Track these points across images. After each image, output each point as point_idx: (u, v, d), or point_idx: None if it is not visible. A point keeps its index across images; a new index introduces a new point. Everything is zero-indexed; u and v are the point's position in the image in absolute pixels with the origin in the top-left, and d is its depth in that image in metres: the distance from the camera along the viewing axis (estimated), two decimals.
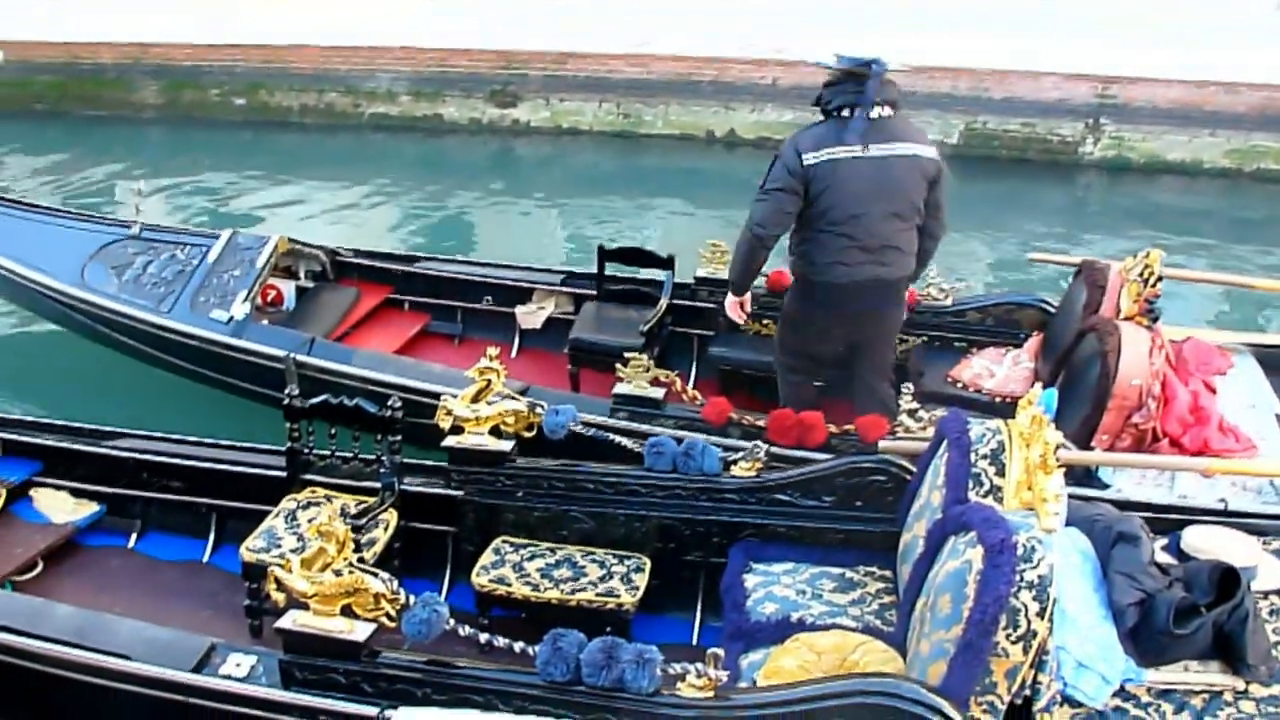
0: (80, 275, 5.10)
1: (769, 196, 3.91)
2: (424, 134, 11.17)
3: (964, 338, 4.79)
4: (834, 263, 3.95)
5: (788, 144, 3.92)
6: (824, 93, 3.92)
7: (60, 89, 12.24)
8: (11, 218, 5.50)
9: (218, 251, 5.06)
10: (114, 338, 5.15)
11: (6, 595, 3.16)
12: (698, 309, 4.96)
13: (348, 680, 2.62)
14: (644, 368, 4.05)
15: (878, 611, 3.06)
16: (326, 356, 4.58)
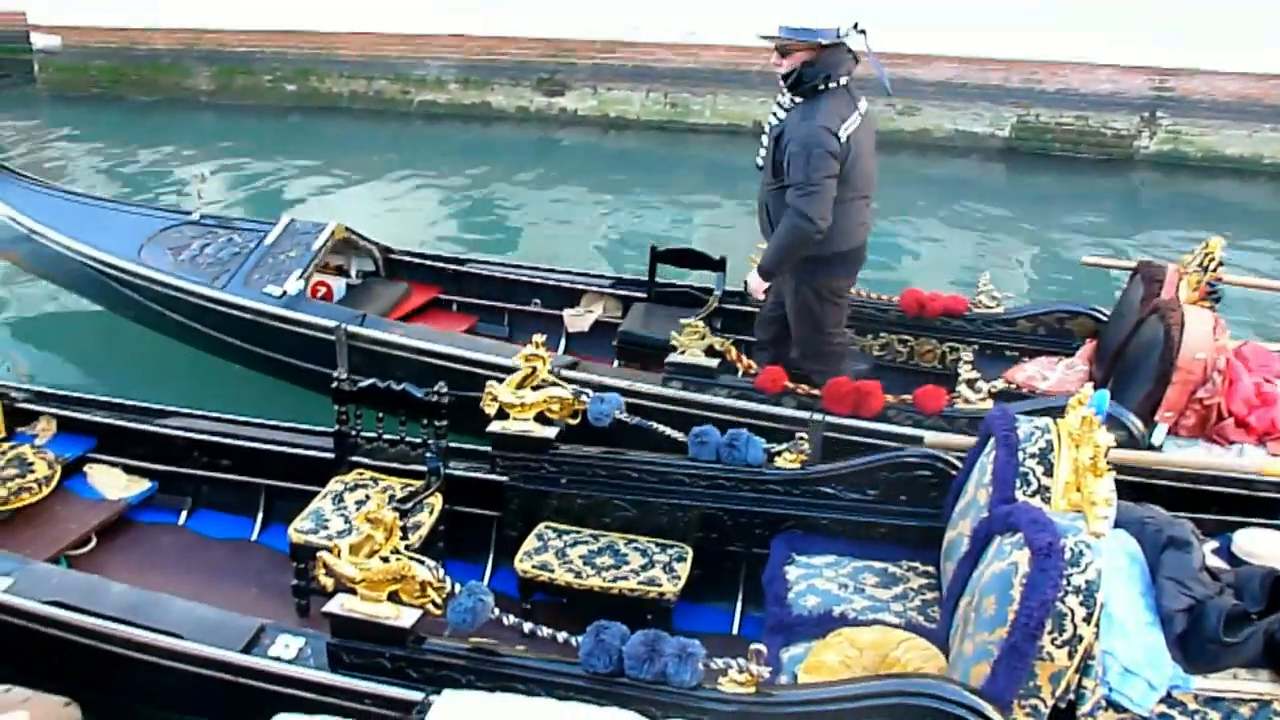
0: (137, 254, 5.20)
1: (821, 188, 3.89)
2: (471, 122, 11.25)
3: (1015, 346, 4.73)
4: (858, 225, 4.12)
5: (817, 132, 3.87)
6: (808, 71, 3.92)
7: (115, 74, 12.48)
8: (74, 204, 5.63)
9: (275, 235, 5.14)
10: (166, 316, 5.23)
11: (62, 571, 3.22)
12: (744, 313, 4.94)
13: (393, 665, 2.65)
14: (699, 334, 4.06)
15: (920, 608, 3.04)
16: (379, 328, 4.62)
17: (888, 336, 4.85)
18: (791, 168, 3.95)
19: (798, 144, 3.90)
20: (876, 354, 4.86)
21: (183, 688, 2.91)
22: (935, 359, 4.82)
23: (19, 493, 3.67)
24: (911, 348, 4.84)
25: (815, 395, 3.92)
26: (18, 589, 3.06)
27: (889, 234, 8.40)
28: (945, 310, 4.75)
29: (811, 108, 3.94)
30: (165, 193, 9.18)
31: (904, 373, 4.82)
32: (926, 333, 4.80)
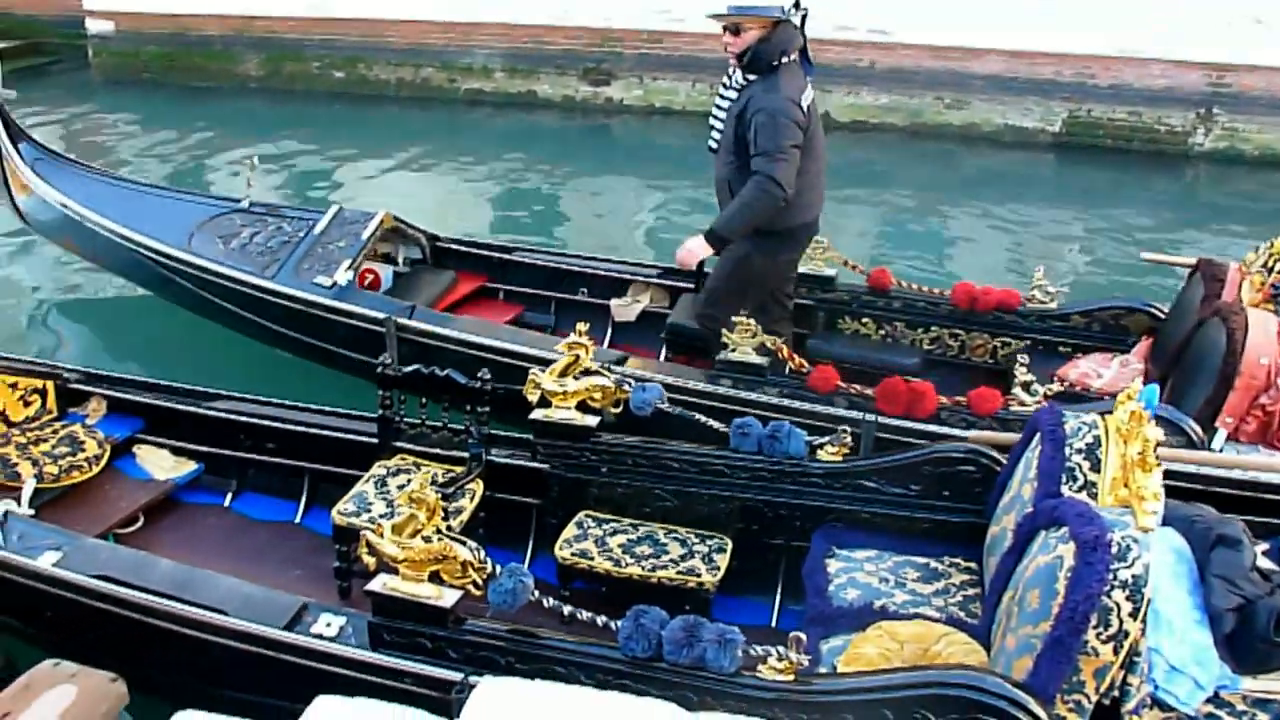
0: (187, 241, 5.26)
1: (789, 156, 3.92)
2: (517, 110, 11.28)
3: (1069, 342, 4.66)
4: (817, 197, 4.21)
5: (780, 102, 3.90)
6: (763, 47, 3.93)
7: (167, 59, 12.66)
8: (125, 190, 5.71)
9: (324, 224, 5.17)
10: (214, 303, 5.28)
11: (111, 547, 3.28)
12: (796, 306, 4.88)
13: (433, 645, 2.67)
14: (750, 333, 4.05)
15: (961, 603, 3.01)
16: (427, 321, 4.65)
17: (938, 330, 4.81)
18: (760, 136, 3.95)
19: (766, 114, 3.92)
20: (927, 348, 4.82)
21: (226, 663, 2.96)
22: (987, 354, 4.77)
23: (70, 470, 3.75)
24: (963, 342, 4.80)
25: (867, 395, 3.90)
26: (67, 563, 3.12)
27: (937, 228, 8.33)
28: (998, 305, 4.69)
29: (772, 82, 3.97)
30: (215, 178, 9.31)
31: (954, 367, 4.80)
32: (978, 327, 4.75)
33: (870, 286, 4.84)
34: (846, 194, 9.12)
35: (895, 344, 4.85)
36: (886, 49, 10.21)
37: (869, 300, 4.83)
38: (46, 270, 7.01)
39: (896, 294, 4.84)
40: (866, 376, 4.39)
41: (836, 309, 4.90)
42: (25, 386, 3.99)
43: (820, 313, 4.91)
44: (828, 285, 4.90)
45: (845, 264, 4.96)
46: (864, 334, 4.87)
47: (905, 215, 8.62)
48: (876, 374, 4.52)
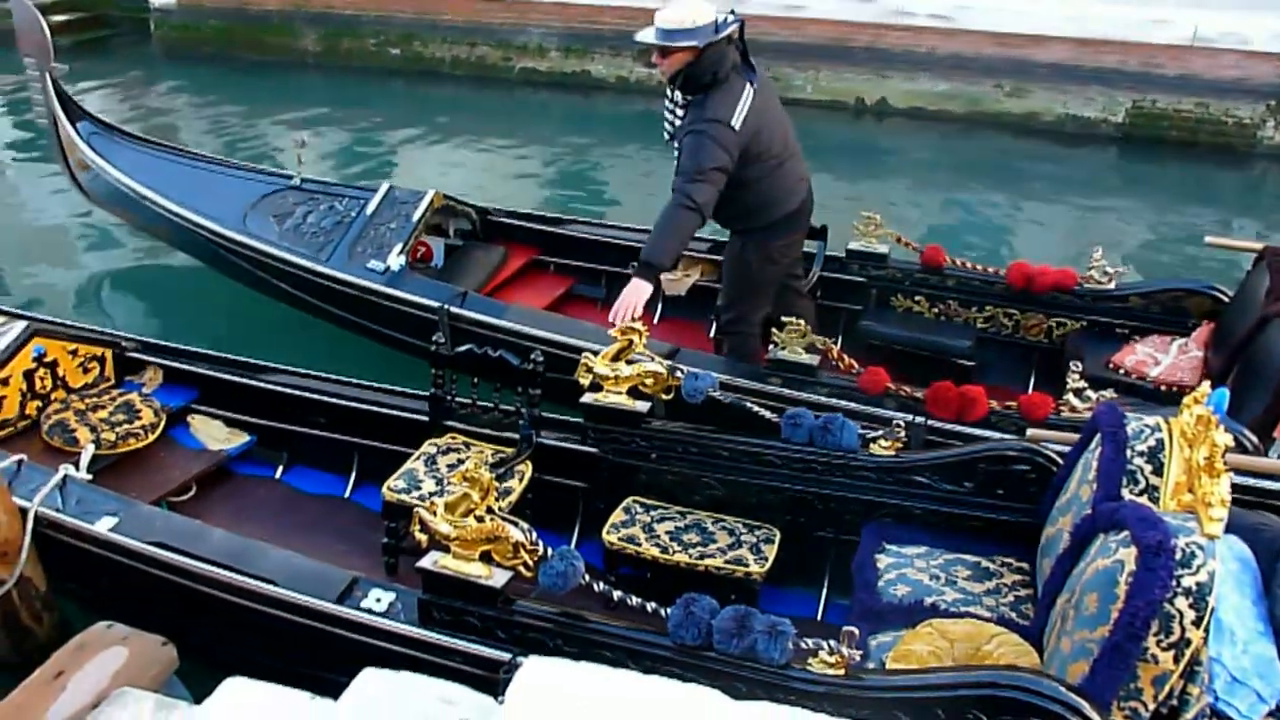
0: (243, 221, 5.30)
1: (707, 178, 3.87)
2: (572, 90, 11.25)
3: (1126, 324, 4.56)
4: (795, 184, 4.22)
5: (707, 125, 3.87)
6: (692, 71, 3.90)
7: (226, 34, 12.76)
8: (180, 165, 5.76)
9: (375, 204, 5.18)
10: (270, 283, 5.34)
11: (166, 515, 3.34)
12: (848, 282, 4.88)
13: (482, 624, 2.68)
14: (800, 333, 4.01)
15: (1013, 604, 2.96)
16: (479, 310, 4.65)
17: (993, 310, 4.73)
18: (683, 157, 3.94)
19: (692, 136, 3.90)
20: (981, 326, 4.75)
21: (275, 634, 2.99)
22: (1041, 333, 4.69)
23: (126, 438, 3.81)
24: (1017, 321, 4.72)
25: (917, 398, 3.84)
26: (123, 529, 3.18)
27: (992, 215, 8.19)
28: (1054, 284, 4.61)
29: (700, 104, 3.93)
30: (270, 153, 9.38)
31: (1008, 346, 4.73)
32: (1033, 307, 4.67)
33: (924, 264, 4.77)
34: (901, 179, 9.02)
35: (948, 323, 4.78)
36: (947, 35, 10.02)
37: (922, 278, 4.77)
38: (107, 240, 7.12)
39: (950, 272, 4.77)
40: (918, 366, 4.36)
41: (889, 286, 4.84)
42: (85, 354, 4.06)
43: (872, 290, 4.85)
44: (880, 262, 4.83)
45: (899, 240, 4.89)
46: (916, 312, 4.80)
47: (961, 202, 8.47)
48: (929, 357, 4.51)
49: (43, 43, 5.32)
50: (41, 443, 3.77)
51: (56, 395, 3.97)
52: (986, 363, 4.62)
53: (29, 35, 5.30)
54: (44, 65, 5.49)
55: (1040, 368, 4.68)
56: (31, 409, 3.89)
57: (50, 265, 6.97)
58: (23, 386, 3.85)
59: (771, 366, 4.06)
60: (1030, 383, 4.64)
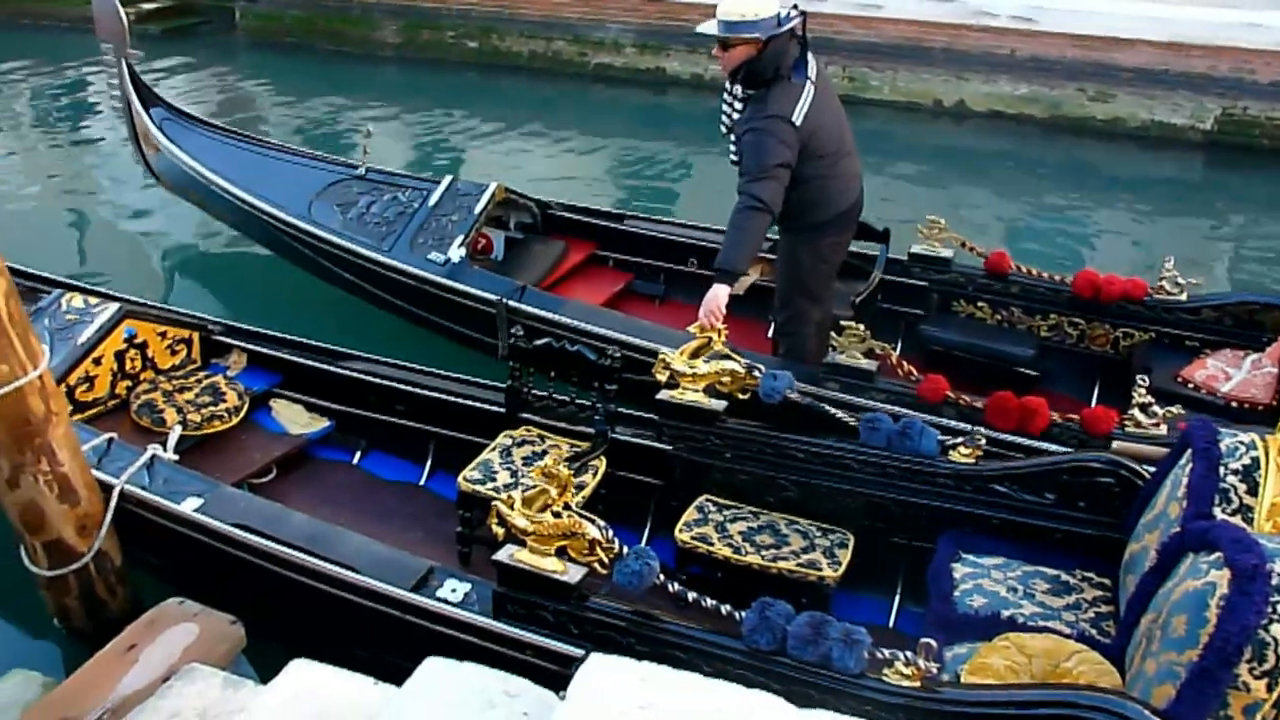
0: (308, 209, 5.38)
1: (772, 175, 3.84)
2: (646, 87, 11.25)
3: (1197, 336, 4.41)
4: (847, 185, 4.16)
5: (767, 122, 3.84)
6: (753, 66, 3.87)
7: (308, 24, 12.99)
8: (250, 152, 5.85)
9: (438, 195, 5.23)
10: (332, 271, 5.41)
11: (249, 497, 3.40)
12: (909, 286, 4.81)
13: (555, 619, 2.70)
14: (859, 338, 3.97)
15: (1094, 620, 2.90)
16: (537, 304, 4.67)
17: (1057, 318, 4.61)
18: (745, 156, 3.89)
19: (752, 134, 3.86)
20: (1044, 335, 4.63)
21: (347, 618, 3.05)
22: (1108, 344, 4.55)
23: (211, 420, 3.90)
24: (1082, 330, 4.59)
25: (977, 407, 3.75)
26: (208, 509, 3.25)
27: (1067, 221, 8.01)
28: (1122, 294, 4.46)
29: (761, 100, 3.89)
30: (345, 141, 9.52)
31: (1072, 356, 4.61)
32: (1100, 316, 4.53)
33: (987, 270, 4.67)
34: (977, 183, 8.88)
35: (1011, 330, 4.67)
36: (1028, 36, 9.84)
37: (985, 284, 4.67)
38: (193, 224, 7.26)
39: (1014, 279, 4.65)
40: (978, 374, 4.28)
41: (951, 291, 4.75)
42: (173, 336, 4.17)
43: (934, 295, 4.76)
44: (943, 266, 4.75)
45: (963, 245, 4.79)
46: (979, 319, 4.70)
47: (1034, 207, 8.31)
48: (989, 365, 4.42)
49: (120, 30, 5.45)
50: (130, 422, 3.88)
51: (145, 376, 4.08)
52: (1049, 372, 4.50)
53: (107, 23, 5.43)
54: (121, 52, 5.62)
55: (1105, 379, 4.55)
56: (121, 388, 4.00)
57: (130, 248, 7.18)
58: (114, 367, 3.96)
59: (828, 371, 4.01)
60: (1094, 394, 4.53)
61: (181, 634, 2.84)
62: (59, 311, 3.98)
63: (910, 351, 4.67)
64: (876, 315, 4.69)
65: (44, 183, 8.51)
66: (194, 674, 2.56)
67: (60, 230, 7.54)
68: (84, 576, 3.31)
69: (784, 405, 3.46)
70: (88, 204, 8.08)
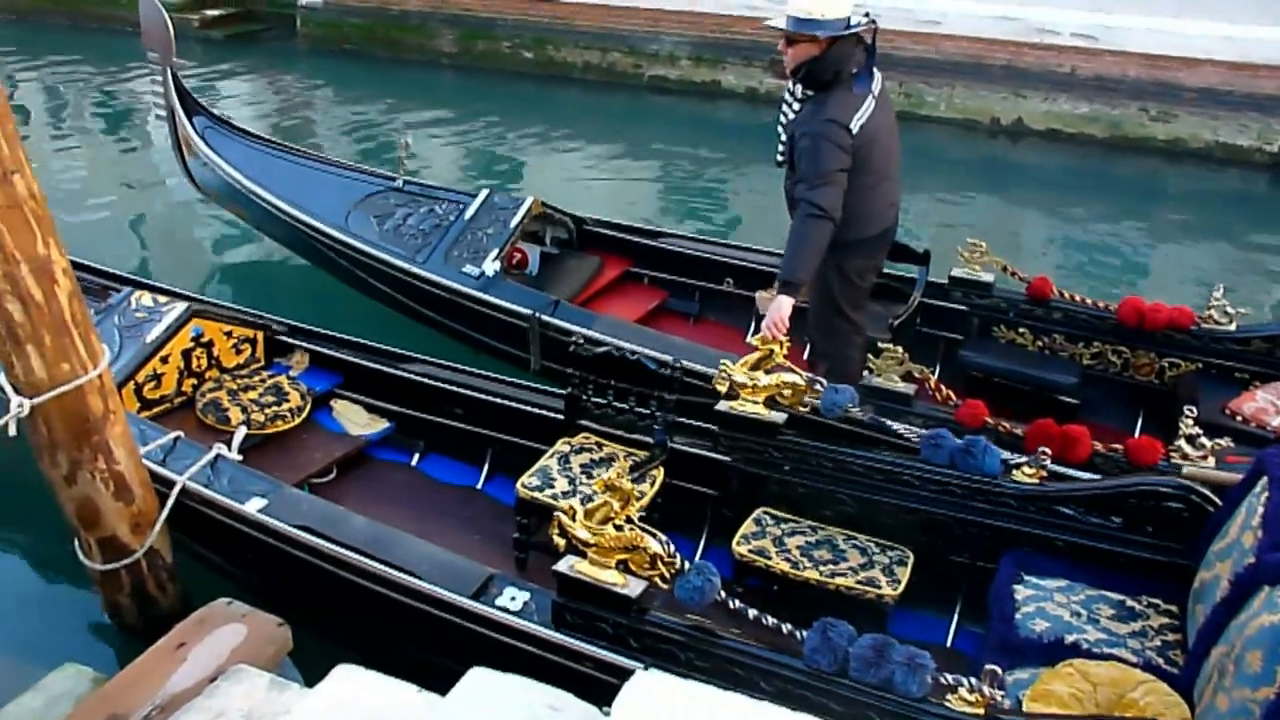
0: (345, 220, 5.41)
1: (831, 181, 3.80)
2: (700, 99, 11.26)
3: (1246, 368, 4.29)
4: (885, 208, 4.10)
5: (824, 126, 3.79)
6: (815, 66, 3.82)
7: (367, 32, 13.17)
8: (290, 162, 5.89)
9: (474, 209, 5.23)
10: (368, 282, 5.42)
11: (311, 499, 3.43)
12: (949, 310, 4.73)
13: (615, 632, 2.69)
14: (897, 361, 3.91)
15: (1160, 649, 2.85)
16: (570, 319, 4.64)
17: (1101, 345, 4.50)
18: (802, 161, 3.85)
19: (808, 138, 3.81)
20: (1087, 363, 4.52)
21: (403, 622, 3.06)
22: (1152, 373, 4.45)
23: (274, 419, 3.95)
24: (1126, 359, 4.48)
25: (1017, 435, 3.66)
26: (271, 510, 3.28)
27: (1121, 244, 7.88)
28: (1169, 323, 4.35)
29: (821, 102, 3.85)
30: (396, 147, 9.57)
31: (1116, 385, 4.51)
32: (1145, 345, 4.43)
33: (1029, 295, 4.58)
34: (1030, 203, 8.78)
35: (1053, 357, 4.57)
36: (1091, 55, 9.73)
37: (1027, 309, 4.58)
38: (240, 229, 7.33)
39: (1057, 304, 4.57)
40: (1018, 401, 4.21)
41: (992, 316, 4.67)
42: (238, 335, 4.23)
43: (974, 319, 4.68)
44: (984, 290, 4.67)
45: (1004, 269, 4.70)
46: (1020, 344, 4.62)
47: (1090, 229, 8.17)
48: (1030, 392, 4.34)
49: (166, 40, 5.51)
50: (195, 419, 3.94)
51: (210, 374, 4.14)
52: (1091, 401, 4.40)
53: (155, 33, 5.49)
54: (166, 60, 5.68)
55: (1149, 409, 4.44)
56: (187, 386, 4.07)
57: (184, 248, 7.28)
58: (180, 365, 4.03)
59: (865, 393, 3.90)
60: (1137, 424, 4.44)
61: (230, 634, 2.86)
62: (129, 309, 4.06)
63: (949, 376, 4.58)
64: (915, 339, 4.63)
65: (108, 182, 8.70)
66: (241, 675, 2.57)
67: (119, 229, 7.68)
68: (136, 573, 3.36)
69: (842, 419, 3.44)
70: (145, 204, 8.22)
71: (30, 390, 2.93)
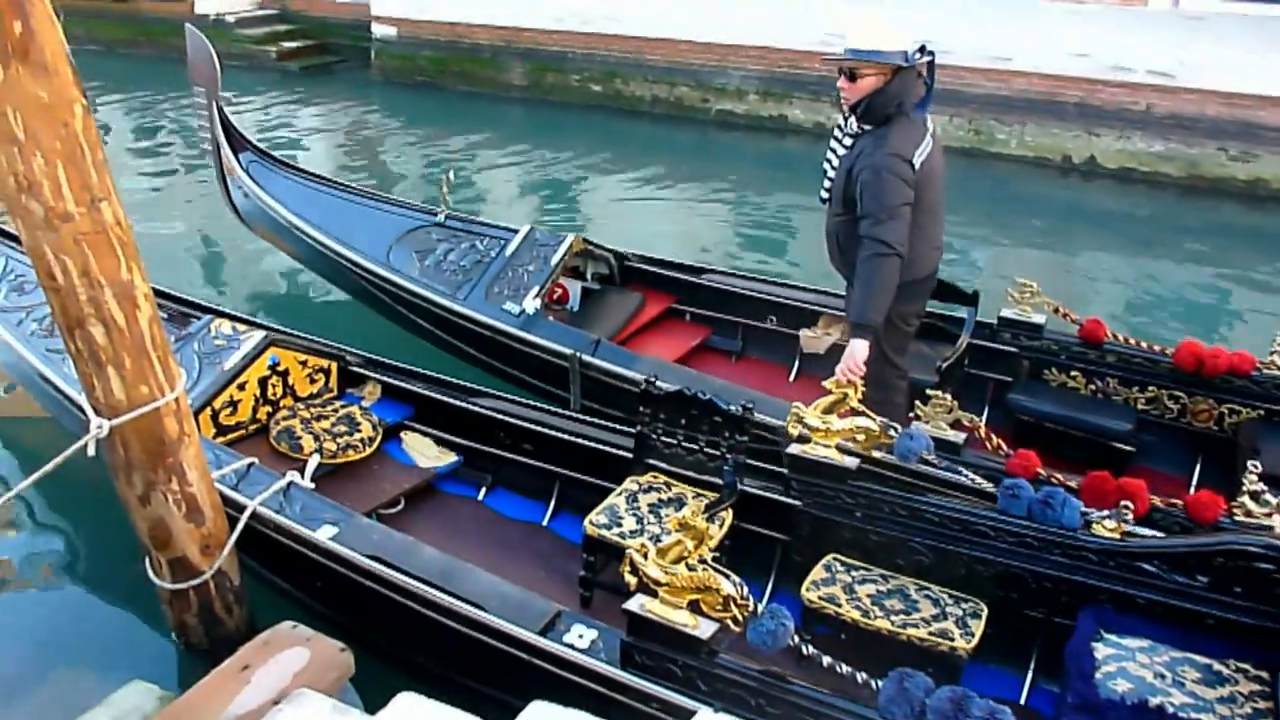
0: (386, 255, 5.42)
1: (898, 215, 3.74)
2: (767, 134, 11.29)
3: None
4: (930, 251, 4.02)
5: (888, 159, 3.73)
6: (877, 99, 3.76)
7: (440, 64, 13.44)
8: (333, 197, 5.90)
9: (515, 245, 5.22)
10: (409, 318, 5.42)
11: (382, 529, 3.44)
12: (998, 352, 4.61)
13: (684, 674, 2.66)
14: (946, 408, 3.81)
15: (1250, 717, 2.73)
16: (610, 359, 4.62)
17: (1156, 390, 4.34)
18: (865, 196, 3.77)
19: (870, 171, 3.74)
20: (1142, 408, 4.36)
21: (468, 655, 3.05)
22: (1211, 420, 4.27)
23: (346, 449, 4.00)
24: (1184, 405, 4.31)
25: (1071, 487, 3.49)
26: (342, 539, 3.31)
27: (1189, 287, 7.67)
28: (1229, 369, 4.19)
29: (882, 136, 3.78)
30: (463, 177, 9.75)
31: (1173, 431, 4.34)
32: (1203, 391, 4.26)
33: (1082, 337, 4.45)
34: (1098, 241, 8.62)
35: (1106, 402, 4.42)
36: (1167, 93, 9.57)
37: (1080, 352, 4.45)
38: None
39: (1111, 347, 4.42)
40: (1070, 446, 4.10)
41: (1043, 358, 4.53)
42: (313, 365, 4.29)
43: (1024, 361, 4.55)
44: (1034, 332, 4.55)
45: (1055, 310, 4.57)
46: (1071, 388, 4.48)
47: (1153, 270, 8.00)
48: (1082, 437, 4.21)
49: (212, 74, 5.59)
50: (268, 446, 4.00)
51: (285, 403, 4.21)
52: (1146, 448, 4.26)
53: (203, 68, 5.57)
54: (212, 94, 5.74)
55: (1207, 457, 4.29)
56: (262, 414, 4.13)
57: (256, 280, 7.40)
58: (256, 392, 4.09)
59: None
60: (1195, 472, 4.29)
61: (294, 658, 2.89)
62: (208, 336, 4.14)
63: (997, 420, 4.47)
64: (962, 381, 4.50)
65: (184, 211, 8.89)
66: (303, 699, 2.59)
67: (185, 256, 7.84)
68: (203, 593, 3.41)
69: (915, 467, 3.38)
70: (217, 232, 8.31)
71: (109, 411, 2.99)
